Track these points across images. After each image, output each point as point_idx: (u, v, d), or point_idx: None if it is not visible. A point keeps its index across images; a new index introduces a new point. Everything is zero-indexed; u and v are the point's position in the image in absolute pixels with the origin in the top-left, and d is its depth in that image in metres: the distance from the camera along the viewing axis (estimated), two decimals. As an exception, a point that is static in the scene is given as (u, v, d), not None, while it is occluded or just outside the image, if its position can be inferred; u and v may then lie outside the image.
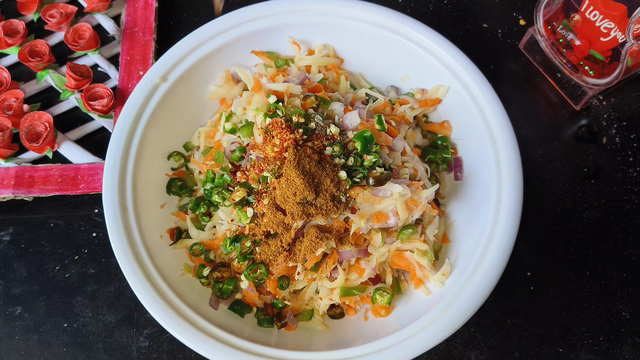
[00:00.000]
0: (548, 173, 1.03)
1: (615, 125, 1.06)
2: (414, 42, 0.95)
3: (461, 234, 0.89)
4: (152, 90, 0.92)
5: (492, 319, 0.93)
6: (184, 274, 0.87)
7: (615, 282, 0.95)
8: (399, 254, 0.86)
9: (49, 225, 0.98)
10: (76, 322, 0.92)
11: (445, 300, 0.81)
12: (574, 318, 0.93)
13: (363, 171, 0.81)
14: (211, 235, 0.89)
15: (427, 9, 1.16)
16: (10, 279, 0.95)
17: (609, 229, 0.99)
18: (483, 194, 0.88)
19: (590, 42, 0.99)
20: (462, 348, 0.91)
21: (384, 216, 0.83)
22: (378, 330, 0.83)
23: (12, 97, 1.01)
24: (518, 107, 1.07)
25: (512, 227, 0.83)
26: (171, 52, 0.94)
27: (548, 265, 0.96)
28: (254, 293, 0.85)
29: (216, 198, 0.86)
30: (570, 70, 1.03)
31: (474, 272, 0.82)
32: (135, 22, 1.11)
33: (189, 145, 0.97)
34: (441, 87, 0.95)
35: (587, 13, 0.97)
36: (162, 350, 0.91)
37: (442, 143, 0.96)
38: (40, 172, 0.98)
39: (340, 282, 0.83)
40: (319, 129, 0.84)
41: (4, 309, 0.93)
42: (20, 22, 1.08)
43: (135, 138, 0.89)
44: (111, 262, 0.96)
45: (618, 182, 1.02)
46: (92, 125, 1.04)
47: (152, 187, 0.92)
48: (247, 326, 0.84)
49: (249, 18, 0.96)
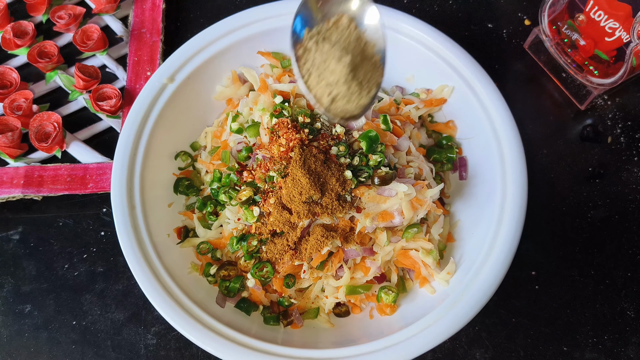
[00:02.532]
0: (553, 172, 1.03)
1: (620, 125, 1.06)
2: (419, 42, 0.96)
3: (466, 233, 0.90)
4: (160, 91, 0.93)
5: (497, 317, 0.94)
6: (191, 272, 0.88)
7: (620, 281, 0.96)
8: (404, 253, 0.86)
9: (58, 224, 0.99)
10: (85, 319, 0.93)
11: (450, 298, 0.81)
12: (578, 317, 0.94)
13: (368, 171, 0.82)
14: (218, 234, 0.90)
15: (432, 9, 1.17)
16: (20, 277, 0.96)
17: (614, 229, 0.99)
18: (488, 193, 0.89)
19: (595, 42, 1.00)
20: (467, 346, 0.92)
21: (389, 215, 0.83)
22: (383, 328, 0.83)
23: (22, 97, 1.03)
24: (523, 106, 1.07)
25: (517, 226, 0.84)
26: (178, 53, 0.95)
27: (553, 265, 0.97)
28: (261, 291, 0.86)
29: (223, 197, 0.87)
30: (575, 70, 1.04)
31: (478, 270, 0.82)
32: (143, 23, 1.12)
33: (196, 145, 0.98)
34: (446, 87, 0.96)
35: (592, 13, 0.97)
36: (169, 348, 0.91)
37: (447, 143, 0.96)
38: (49, 172, 1.00)
39: (346, 280, 0.84)
40: (325, 128, 0.85)
41: (14, 307, 0.94)
42: (29, 23, 1.09)
43: (143, 138, 0.90)
44: (119, 260, 0.97)
45: (623, 182, 1.02)
46: (101, 126, 1.05)
47: (160, 186, 0.93)
48: (253, 324, 0.85)
49: (255, 19, 0.97)
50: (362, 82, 0.73)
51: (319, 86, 0.73)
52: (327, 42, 0.73)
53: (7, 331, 0.92)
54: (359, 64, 0.73)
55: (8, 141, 0.98)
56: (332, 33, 0.75)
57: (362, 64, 0.74)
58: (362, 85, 0.73)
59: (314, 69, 0.73)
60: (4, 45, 1.08)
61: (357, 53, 0.74)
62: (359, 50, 0.75)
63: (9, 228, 0.99)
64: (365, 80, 0.74)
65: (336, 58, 0.72)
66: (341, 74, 0.72)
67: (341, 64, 0.72)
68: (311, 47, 0.74)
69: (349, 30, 0.75)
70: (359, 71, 0.73)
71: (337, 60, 0.72)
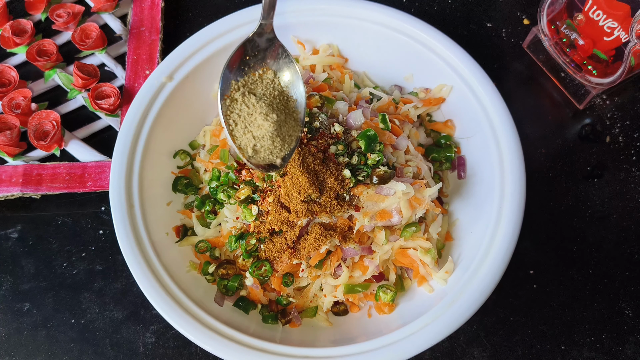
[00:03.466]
0: (551, 172, 1.03)
1: (618, 125, 1.06)
2: (418, 41, 0.96)
3: (464, 232, 0.90)
4: (159, 89, 0.93)
5: (495, 316, 0.94)
6: (189, 270, 0.88)
7: (618, 281, 0.96)
8: (402, 252, 0.86)
9: (57, 223, 0.99)
10: (83, 318, 0.93)
11: (448, 297, 0.81)
12: (576, 316, 0.94)
13: (367, 170, 0.82)
14: (216, 232, 0.90)
15: (431, 8, 1.17)
16: (18, 275, 0.96)
17: (612, 228, 0.99)
18: (486, 192, 0.89)
19: (593, 41, 1.00)
20: (465, 345, 0.92)
21: (387, 214, 0.83)
22: (381, 327, 0.83)
23: (20, 95, 1.03)
24: (522, 106, 1.07)
25: (515, 225, 0.84)
26: (177, 52, 0.95)
27: (551, 264, 0.97)
28: (259, 290, 0.86)
29: (221, 196, 0.87)
30: (574, 69, 1.04)
31: (476, 269, 0.82)
32: (142, 21, 1.12)
33: (195, 143, 0.98)
34: (445, 86, 0.96)
35: (591, 13, 0.97)
36: (168, 346, 0.92)
37: (446, 142, 0.96)
38: (47, 170, 1.00)
39: (344, 279, 0.84)
40: (323, 127, 0.85)
41: (13, 305, 0.94)
42: (28, 21, 1.09)
43: (141, 136, 0.90)
44: (118, 259, 0.97)
45: (621, 181, 1.02)
46: (99, 124, 1.05)
47: (158, 185, 0.93)
48: (251, 323, 0.85)
49: (254, 17, 0.97)
50: (284, 137, 0.79)
51: (244, 137, 0.78)
52: (252, 95, 0.79)
53: (5, 329, 0.92)
54: (282, 122, 0.79)
55: (7, 139, 0.98)
56: (257, 86, 0.81)
57: (286, 120, 0.80)
58: (285, 140, 0.79)
59: (240, 120, 0.79)
60: (2, 43, 1.08)
61: (282, 110, 0.80)
62: (282, 106, 0.81)
63: (8, 226, 0.99)
64: (287, 135, 0.80)
65: (263, 114, 0.77)
66: (267, 130, 0.77)
67: (268, 122, 0.77)
68: (238, 98, 0.79)
69: (274, 84, 0.82)
70: (283, 127, 0.79)
71: (264, 117, 0.77)
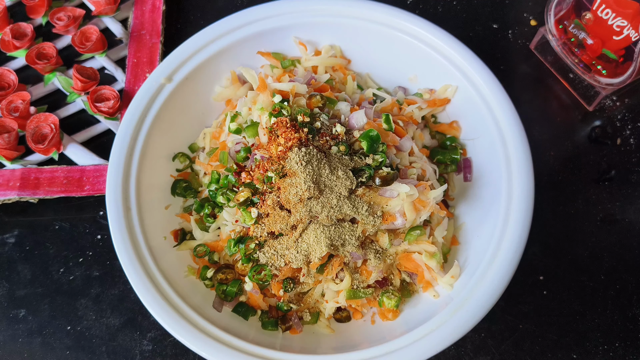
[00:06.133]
0: (561, 175, 1.00)
1: (629, 126, 1.03)
2: (422, 41, 0.94)
3: (471, 236, 0.87)
4: (157, 91, 0.91)
5: (504, 324, 0.91)
6: (187, 275, 0.86)
7: (631, 287, 0.92)
8: (406, 256, 0.84)
9: (54, 228, 0.97)
10: (80, 325, 0.91)
11: (454, 303, 0.79)
12: (588, 323, 0.91)
13: (369, 171, 0.80)
14: (215, 236, 0.88)
15: (435, 10, 1.15)
16: (14, 281, 0.94)
17: (624, 232, 0.96)
18: (493, 195, 0.86)
19: (602, 41, 0.97)
20: (473, 353, 0.89)
21: (391, 217, 0.81)
22: (385, 333, 0.81)
23: (19, 99, 1.01)
24: (530, 108, 1.05)
25: (523, 229, 0.81)
26: (177, 53, 0.93)
27: (561, 269, 0.94)
28: (258, 295, 0.84)
29: (221, 199, 0.85)
30: (583, 70, 1.01)
31: (483, 274, 0.80)
32: (143, 25, 1.11)
33: (194, 146, 0.96)
34: (449, 87, 0.94)
35: (599, 11, 0.95)
36: (165, 354, 0.89)
37: (451, 144, 0.94)
38: (45, 174, 0.98)
39: (347, 284, 0.82)
40: (325, 128, 0.83)
41: (8, 312, 0.92)
42: (28, 25, 1.08)
43: (139, 139, 0.88)
44: (115, 264, 0.95)
45: (633, 184, 0.99)
46: (99, 128, 1.04)
47: (157, 188, 0.91)
48: (251, 329, 0.82)
49: (255, 18, 0.96)
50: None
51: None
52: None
53: (0, 336, 0.90)
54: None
55: (4, 143, 0.97)
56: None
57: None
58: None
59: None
60: (2, 47, 1.07)
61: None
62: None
63: (5, 231, 0.97)
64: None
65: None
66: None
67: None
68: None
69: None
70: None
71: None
